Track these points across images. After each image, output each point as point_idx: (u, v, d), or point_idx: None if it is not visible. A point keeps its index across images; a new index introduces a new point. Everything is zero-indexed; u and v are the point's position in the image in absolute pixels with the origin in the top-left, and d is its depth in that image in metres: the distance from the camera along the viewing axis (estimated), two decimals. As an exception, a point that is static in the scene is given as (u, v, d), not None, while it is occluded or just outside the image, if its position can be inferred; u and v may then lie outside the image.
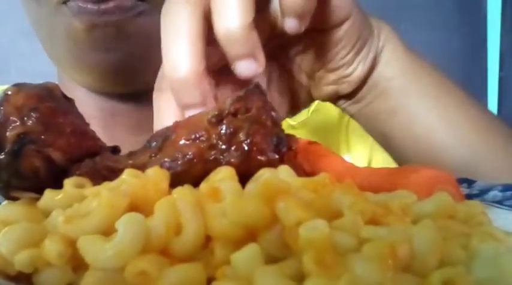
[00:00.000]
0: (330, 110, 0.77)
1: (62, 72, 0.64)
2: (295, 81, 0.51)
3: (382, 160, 0.72)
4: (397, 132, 0.52)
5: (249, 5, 0.36)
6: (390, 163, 0.70)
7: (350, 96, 0.52)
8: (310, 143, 0.43)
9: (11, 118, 0.31)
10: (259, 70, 0.36)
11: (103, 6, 0.52)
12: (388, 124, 0.52)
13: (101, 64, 0.56)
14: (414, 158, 0.52)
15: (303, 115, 0.80)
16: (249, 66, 0.36)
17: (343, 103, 0.53)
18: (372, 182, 0.36)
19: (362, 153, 0.75)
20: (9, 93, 0.32)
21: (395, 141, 0.53)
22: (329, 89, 0.51)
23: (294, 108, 0.53)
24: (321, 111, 0.78)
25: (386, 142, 0.55)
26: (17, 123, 0.31)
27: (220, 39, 0.36)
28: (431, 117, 0.51)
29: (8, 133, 0.31)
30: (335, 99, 0.53)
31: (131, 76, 0.57)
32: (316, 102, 0.79)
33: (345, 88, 0.50)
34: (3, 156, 0.31)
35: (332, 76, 0.49)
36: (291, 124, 0.77)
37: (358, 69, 0.49)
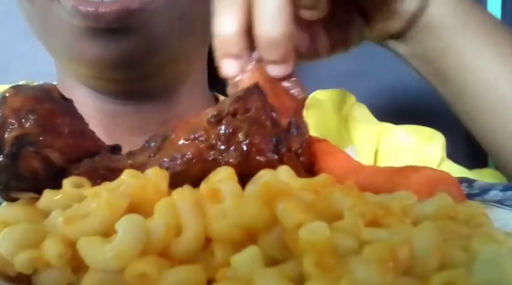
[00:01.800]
0: (324, 106, 0.76)
1: (61, 72, 0.64)
2: (346, 18, 0.52)
3: (390, 147, 0.71)
4: (448, 71, 0.52)
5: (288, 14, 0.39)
6: (401, 152, 0.69)
7: (400, 35, 0.52)
8: (319, 140, 0.43)
9: (9, 120, 0.31)
10: (286, 72, 0.40)
11: (102, 9, 0.50)
12: (439, 63, 0.52)
13: (101, 57, 0.54)
14: (468, 99, 0.52)
15: None
16: (279, 69, 0.40)
17: (392, 43, 0.54)
18: (375, 181, 0.36)
19: (367, 142, 0.73)
20: (7, 95, 0.32)
21: (448, 81, 0.53)
22: (379, 26, 0.51)
23: (344, 46, 0.53)
24: (314, 107, 0.77)
25: (438, 82, 0.54)
26: (15, 125, 0.31)
27: (259, 43, 0.39)
28: (484, 55, 0.51)
29: (6, 136, 0.31)
30: (384, 38, 0.53)
31: (131, 69, 0.56)
32: (308, 97, 0.78)
33: (395, 25, 0.51)
34: (1, 158, 0.31)
35: (382, 13, 0.50)
36: None
37: (408, 5, 0.50)
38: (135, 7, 0.51)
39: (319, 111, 0.74)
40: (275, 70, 0.40)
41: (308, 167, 0.36)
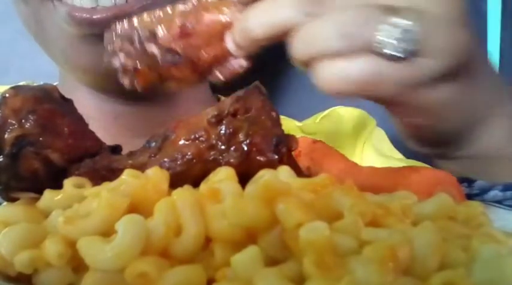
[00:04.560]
0: (343, 122, 0.73)
1: (62, 72, 0.63)
2: None
3: None
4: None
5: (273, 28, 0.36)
6: None
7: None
8: (315, 142, 0.43)
9: (9, 120, 0.31)
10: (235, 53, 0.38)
11: (97, 16, 0.48)
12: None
13: (95, 65, 0.52)
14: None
15: (311, 119, 0.77)
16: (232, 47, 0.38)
17: None
18: (374, 181, 0.36)
19: None
20: (7, 95, 0.32)
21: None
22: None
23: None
24: (332, 117, 0.74)
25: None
26: (15, 126, 0.31)
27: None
28: None
29: (6, 136, 0.31)
30: None
31: None
32: (329, 110, 0.76)
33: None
34: (2, 159, 0.31)
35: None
36: (298, 126, 0.74)
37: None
38: (130, 11, 0.50)
39: (337, 125, 0.73)
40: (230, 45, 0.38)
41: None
